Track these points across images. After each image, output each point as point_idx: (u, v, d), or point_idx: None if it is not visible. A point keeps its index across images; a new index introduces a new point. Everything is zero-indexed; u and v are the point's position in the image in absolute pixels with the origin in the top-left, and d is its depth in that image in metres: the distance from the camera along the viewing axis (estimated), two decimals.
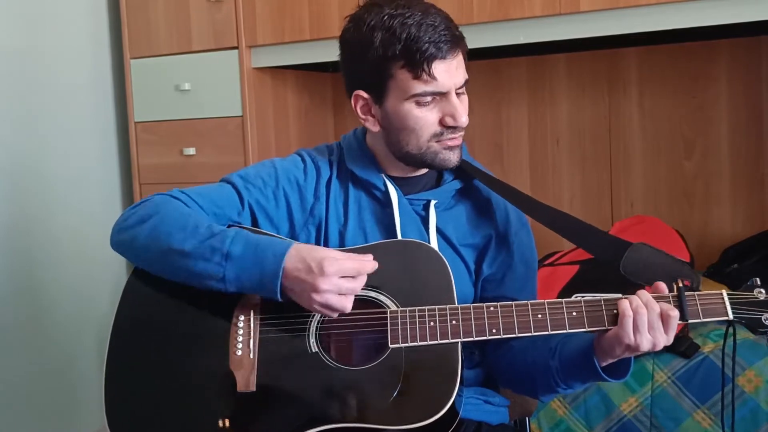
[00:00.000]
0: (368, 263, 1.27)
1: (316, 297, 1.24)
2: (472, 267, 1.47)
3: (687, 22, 2.14)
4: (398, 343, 1.27)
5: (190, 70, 2.79)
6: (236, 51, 2.71)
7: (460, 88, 1.36)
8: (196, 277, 1.30)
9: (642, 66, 2.80)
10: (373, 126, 1.42)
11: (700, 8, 2.11)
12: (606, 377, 1.28)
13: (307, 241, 1.44)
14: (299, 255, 1.25)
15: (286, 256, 1.25)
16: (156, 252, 1.32)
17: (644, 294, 1.24)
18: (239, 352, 1.31)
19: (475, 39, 2.32)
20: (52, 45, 2.78)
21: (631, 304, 1.23)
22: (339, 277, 1.24)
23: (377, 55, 1.33)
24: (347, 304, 1.25)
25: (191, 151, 2.80)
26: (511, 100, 2.99)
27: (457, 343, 1.27)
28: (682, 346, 2.08)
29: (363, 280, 1.27)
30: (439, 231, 1.45)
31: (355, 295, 1.30)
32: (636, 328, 1.21)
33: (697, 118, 2.74)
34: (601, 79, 2.86)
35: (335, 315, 1.27)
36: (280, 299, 1.27)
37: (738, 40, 2.65)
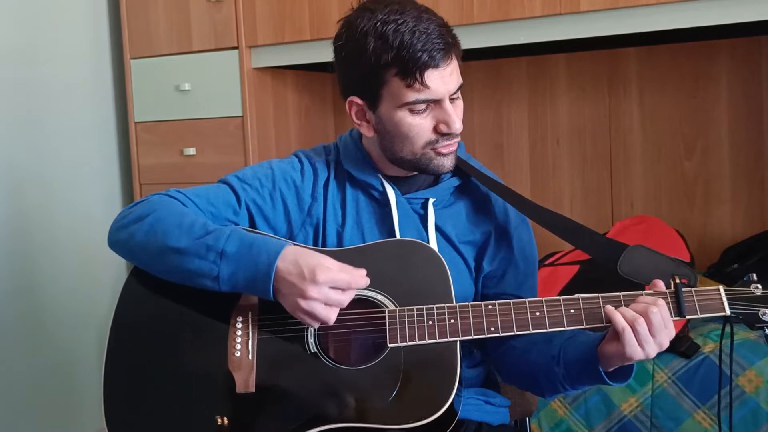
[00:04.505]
0: (361, 278, 1.26)
1: (302, 303, 1.23)
2: (472, 264, 1.47)
3: (687, 22, 2.13)
4: (397, 343, 1.27)
5: (190, 70, 2.79)
6: (236, 51, 2.71)
7: (454, 93, 1.35)
8: (191, 275, 1.29)
9: (642, 66, 2.80)
10: (367, 131, 1.41)
11: (700, 8, 2.11)
12: (611, 383, 1.28)
13: (305, 242, 1.44)
14: (293, 257, 1.24)
15: (280, 256, 1.24)
16: (152, 250, 1.31)
17: (636, 304, 1.23)
18: (238, 353, 1.31)
19: (475, 39, 2.34)
20: (52, 45, 2.78)
21: (624, 316, 1.20)
22: (329, 287, 1.23)
23: (370, 62, 1.32)
24: (332, 315, 1.24)
25: (191, 151, 2.80)
26: (511, 100, 2.99)
27: (456, 342, 1.27)
28: (683, 346, 2.08)
29: (352, 294, 1.25)
30: (438, 229, 1.44)
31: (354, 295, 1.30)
32: (640, 340, 1.19)
33: (697, 118, 2.74)
34: (601, 79, 2.86)
35: (317, 325, 1.26)
36: (273, 299, 1.26)
37: (738, 40, 2.65)
